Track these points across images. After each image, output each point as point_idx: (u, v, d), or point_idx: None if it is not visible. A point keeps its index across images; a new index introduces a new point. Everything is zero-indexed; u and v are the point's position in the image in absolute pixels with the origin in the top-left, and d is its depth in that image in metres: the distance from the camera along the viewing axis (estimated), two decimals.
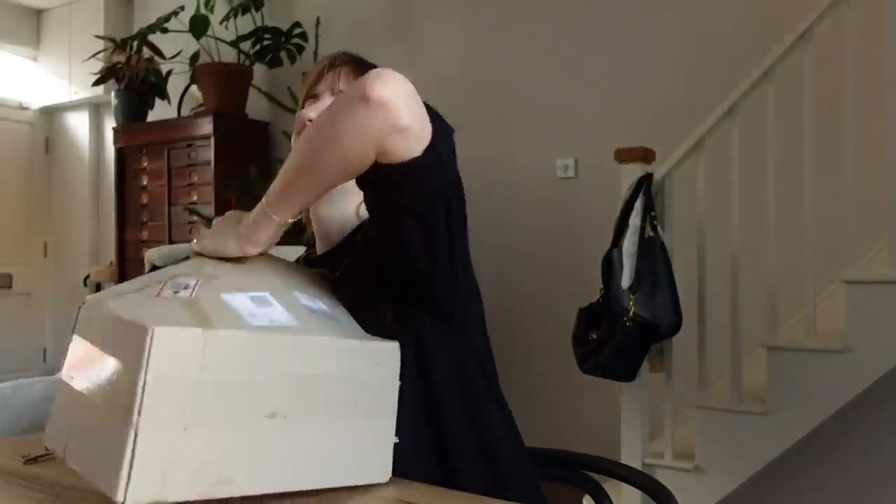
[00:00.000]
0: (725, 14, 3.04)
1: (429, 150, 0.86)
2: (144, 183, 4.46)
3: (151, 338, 0.66)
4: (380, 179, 0.87)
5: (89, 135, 5.39)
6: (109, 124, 5.00)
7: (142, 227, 4.46)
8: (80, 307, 0.85)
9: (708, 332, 2.45)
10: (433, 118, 0.88)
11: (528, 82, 3.54)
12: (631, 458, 2.49)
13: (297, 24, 4.06)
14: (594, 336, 2.39)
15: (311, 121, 1.11)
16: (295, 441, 0.77)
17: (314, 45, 3.91)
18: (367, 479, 0.84)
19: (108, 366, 0.73)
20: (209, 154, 4.12)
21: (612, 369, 2.41)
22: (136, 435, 0.66)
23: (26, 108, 5.45)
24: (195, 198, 4.17)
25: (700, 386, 2.46)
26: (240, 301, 0.79)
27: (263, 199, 0.91)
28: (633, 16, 3.28)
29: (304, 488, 0.79)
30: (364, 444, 0.84)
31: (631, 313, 2.33)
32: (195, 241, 0.95)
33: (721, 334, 2.44)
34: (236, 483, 0.73)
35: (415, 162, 0.85)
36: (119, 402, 0.69)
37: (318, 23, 3.95)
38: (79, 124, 5.45)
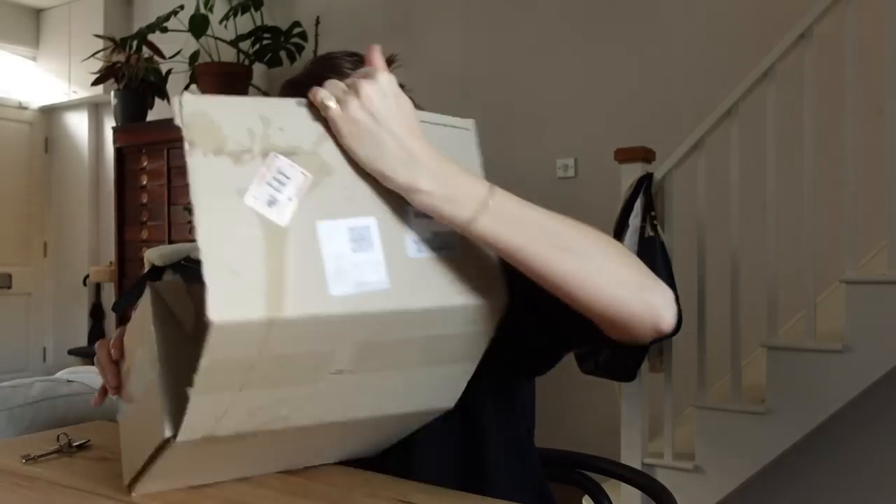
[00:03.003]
0: (725, 14, 3.04)
1: None
2: (144, 183, 4.46)
3: (211, 330, 0.60)
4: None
5: (89, 134, 5.39)
6: (109, 124, 5.00)
7: (142, 227, 4.46)
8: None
9: (708, 332, 2.45)
10: None
11: (528, 82, 3.54)
12: (631, 458, 2.49)
13: (296, 24, 4.06)
14: None
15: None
16: (359, 386, 0.74)
17: (314, 44, 3.91)
18: (431, 406, 0.82)
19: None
20: None
21: (612, 369, 2.41)
22: (188, 399, 0.66)
23: (26, 108, 5.45)
24: None
25: (700, 386, 2.46)
26: (334, 241, 0.67)
27: (489, 191, 0.72)
28: (633, 16, 3.28)
29: (361, 416, 0.78)
30: (437, 383, 0.81)
31: None
32: (337, 100, 0.70)
33: (721, 334, 2.44)
34: (292, 419, 0.73)
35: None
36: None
37: (317, 22, 3.96)
38: (78, 124, 5.44)
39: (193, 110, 0.65)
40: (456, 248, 0.75)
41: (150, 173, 4.43)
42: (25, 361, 5.36)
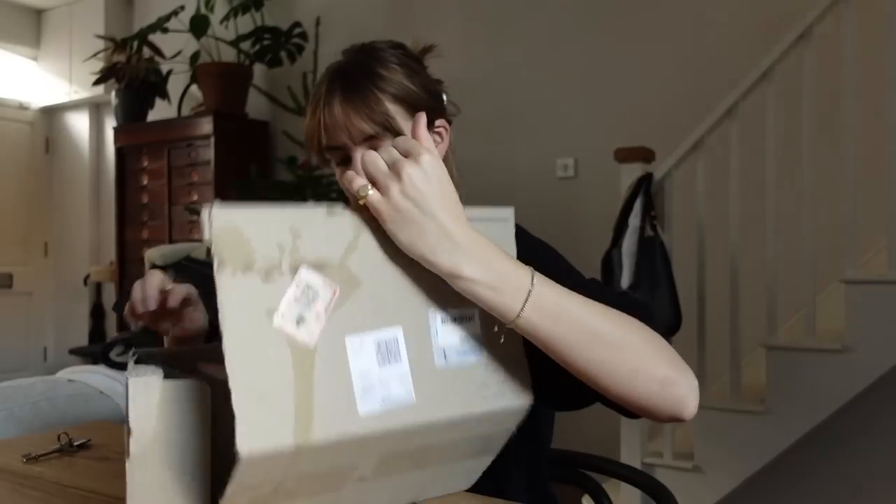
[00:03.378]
0: (725, 14, 3.04)
1: None
2: (145, 182, 4.46)
3: (239, 462, 0.60)
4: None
5: (89, 134, 5.39)
6: (110, 124, 5.01)
7: (142, 227, 4.46)
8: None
9: (708, 331, 2.46)
10: None
11: (528, 82, 3.54)
12: (631, 457, 2.49)
13: (297, 24, 4.06)
14: None
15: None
16: (381, 486, 0.75)
17: (314, 44, 3.91)
18: (448, 490, 0.83)
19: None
20: (209, 154, 4.12)
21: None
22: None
23: (27, 108, 5.45)
24: (195, 197, 4.18)
25: (699, 385, 2.45)
26: (362, 355, 0.68)
27: (531, 281, 0.72)
28: (633, 16, 3.28)
29: None
30: (457, 473, 0.82)
31: None
32: (372, 186, 0.70)
33: (721, 334, 2.44)
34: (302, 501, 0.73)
35: None
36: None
37: (318, 23, 3.95)
38: (79, 124, 5.45)
39: (223, 224, 0.64)
40: (482, 351, 0.76)
41: (150, 173, 4.44)
42: (26, 361, 5.36)
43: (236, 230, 0.64)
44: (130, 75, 4.25)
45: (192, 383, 0.71)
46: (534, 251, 0.95)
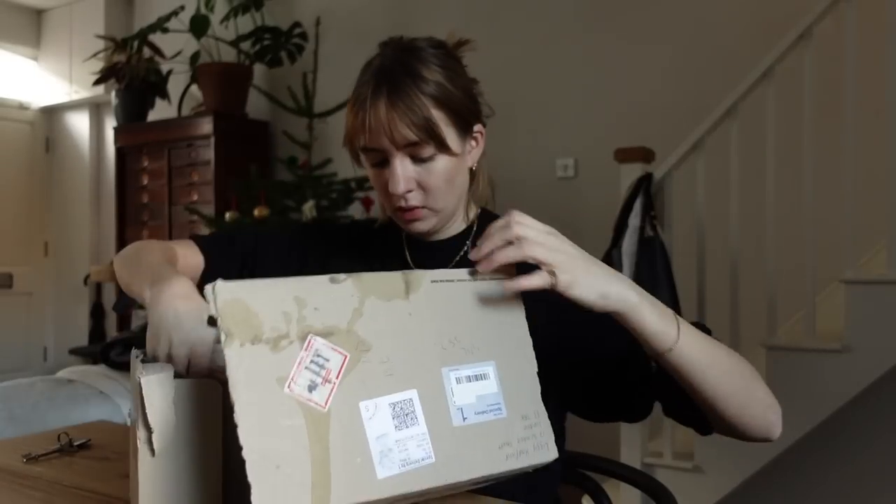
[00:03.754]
0: (725, 14, 3.04)
1: None
2: (145, 182, 4.46)
3: None
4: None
5: (90, 134, 5.39)
6: (110, 124, 5.01)
7: (142, 227, 4.47)
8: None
9: None
10: None
11: (528, 82, 3.54)
12: (631, 457, 2.49)
13: (297, 24, 4.06)
14: None
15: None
16: None
17: (314, 44, 3.91)
18: None
19: None
20: (209, 154, 4.12)
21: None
22: None
23: (27, 108, 5.45)
24: (196, 197, 4.18)
25: None
26: (378, 419, 0.67)
27: (678, 322, 0.78)
28: (632, 16, 3.28)
29: None
30: None
31: None
32: (527, 242, 0.74)
33: (721, 334, 2.41)
34: None
35: None
36: None
37: (318, 23, 3.95)
38: (79, 124, 5.45)
39: (228, 298, 0.64)
40: (502, 410, 0.75)
41: (150, 173, 4.44)
42: (26, 361, 5.36)
43: (241, 302, 0.64)
44: (130, 75, 4.25)
45: (204, 381, 0.71)
46: None
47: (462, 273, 0.78)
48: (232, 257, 1.09)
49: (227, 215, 3.58)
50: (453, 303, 0.76)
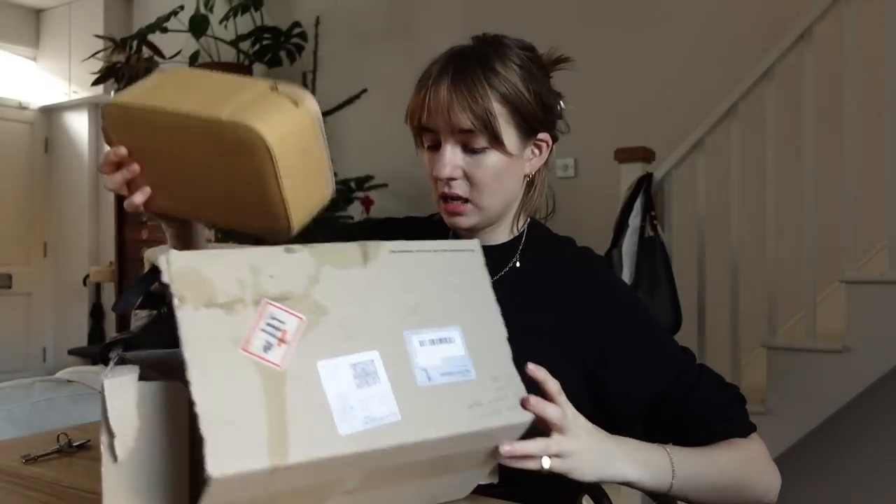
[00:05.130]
0: (725, 14, 3.04)
1: None
2: None
3: (209, 484, 0.59)
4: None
5: (89, 134, 5.39)
6: None
7: (142, 227, 4.46)
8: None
9: (708, 332, 2.45)
10: None
11: None
12: None
13: (296, 24, 4.06)
14: None
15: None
16: (369, 499, 0.74)
17: (314, 44, 3.91)
18: (444, 500, 0.82)
19: None
20: None
21: None
22: None
23: (26, 108, 5.45)
24: None
25: None
26: (337, 378, 0.66)
27: (667, 452, 0.86)
28: (632, 16, 3.28)
29: None
30: (452, 484, 0.81)
31: None
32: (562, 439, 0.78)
33: (721, 334, 2.44)
34: None
35: None
36: None
37: (317, 23, 3.95)
38: (78, 124, 5.45)
39: (182, 266, 0.64)
40: (470, 372, 0.74)
41: None
42: (25, 361, 5.36)
43: (195, 270, 0.64)
44: (130, 75, 4.24)
45: (168, 385, 0.69)
46: (610, 292, 0.99)
47: (423, 244, 0.77)
48: None
49: None
50: (414, 272, 0.75)
